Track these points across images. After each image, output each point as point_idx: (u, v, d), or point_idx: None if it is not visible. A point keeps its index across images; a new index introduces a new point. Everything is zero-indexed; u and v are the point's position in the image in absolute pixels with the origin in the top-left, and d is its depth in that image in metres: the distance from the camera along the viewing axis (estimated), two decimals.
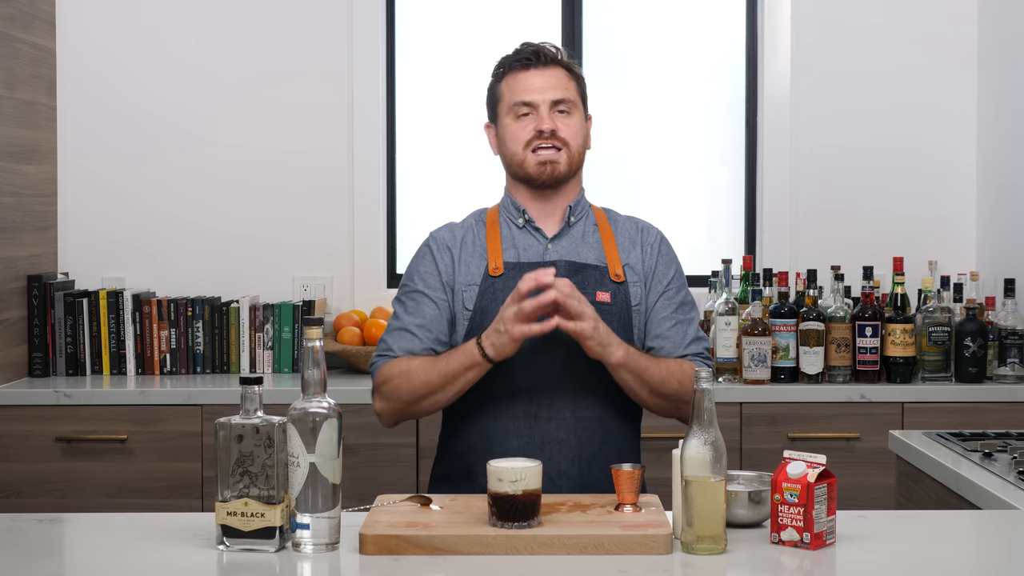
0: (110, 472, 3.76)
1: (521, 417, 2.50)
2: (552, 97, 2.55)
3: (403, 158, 4.48)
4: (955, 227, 4.37)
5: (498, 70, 2.63)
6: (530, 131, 2.55)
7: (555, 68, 2.58)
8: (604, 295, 2.53)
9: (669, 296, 2.59)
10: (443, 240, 2.62)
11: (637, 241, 2.62)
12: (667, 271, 2.61)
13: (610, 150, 4.46)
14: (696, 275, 4.32)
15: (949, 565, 2.01)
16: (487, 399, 2.52)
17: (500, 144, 2.62)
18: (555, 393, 2.50)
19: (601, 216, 2.66)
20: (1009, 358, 3.87)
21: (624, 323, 2.54)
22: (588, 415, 2.51)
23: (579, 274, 2.54)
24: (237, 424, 2.02)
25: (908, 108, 4.37)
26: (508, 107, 2.58)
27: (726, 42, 4.51)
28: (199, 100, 4.35)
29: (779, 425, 3.78)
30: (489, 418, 2.52)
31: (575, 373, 2.50)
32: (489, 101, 2.65)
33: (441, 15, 4.51)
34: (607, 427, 2.53)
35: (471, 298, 2.55)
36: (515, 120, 2.57)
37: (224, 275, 4.33)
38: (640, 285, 2.58)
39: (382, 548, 2.00)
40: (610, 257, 2.58)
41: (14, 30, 3.97)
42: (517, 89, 2.57)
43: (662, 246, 2.64)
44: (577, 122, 2.58)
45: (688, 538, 2.00)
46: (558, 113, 2.56)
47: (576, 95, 2.59)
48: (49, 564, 2.02)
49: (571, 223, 2.60)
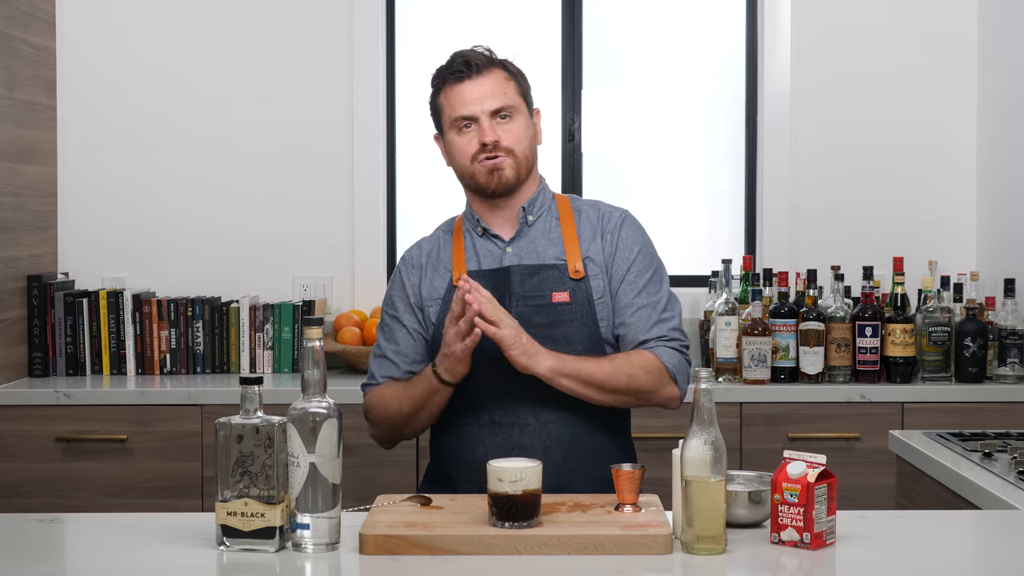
0: (110, 472, 3.76)
1: (485, 424, 2.53)
2: (491, 107, 2.55)
3: (403, 158, 4.48)
4: (955, 227, 4.37)
5: (435, 83, 2.62)
6: (474, 144, 2.56)
7: (490, 73, 2.56)
8: (562, 295, 2.53)
9: (631, 280, 2.56)
10: (411, 260, 2.67)
11: (598, 229, 2.60)
12: (627, 255, 2.57)
13: (610, 150, 4.46)
14: (696, 275, 4.33)
15: (949, 565, 2.01)
16: (458, 407, 2.55)
17: (449, 158, 2.64)
18: (515, 400, 2.51)
19: (564, 207, 2.64)
20: (1009, 358, 3.87)
21: (587, 319, 2.53)
22: (552, 419, 2.52)
23: (535, 276, 2.54)
24: (237, 424, 2.02)
25: (908, 108, 4.37)
26: (450, 122, 2.58)
27: (726, 42, 4.51)
28: (199, 100, 4.35)
29: (779, 425, 3.78)
30: (461, 425, 2.56)
31: (532, 379, 2.47)
32: (433, 114, 2.65)
33: (441, 15, 4.51)
34: (576, 430, 2.52)
35: (434, 312, 2.59)
36: (459, 134, 2.57)
37: (224, 275, 4.33)
38: (602, 276, 2.56)
39: (382, 548, 2.00)
40: (569, 252, 2.56)
41: (14, 30, 3.97)
42: (456, 103, 2.56)
43: (623, 230, 2.60)
44: (520, 126, 2.57)
45: (688, 538, 2.00)
46: (499, 120, 2.55)
47: (516, 96, 2.58)
48: (49, 564, 2.02)
49: (529, 222, 2.61)
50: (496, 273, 2.56)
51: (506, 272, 2.55)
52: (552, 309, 2.52)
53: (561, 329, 2.52)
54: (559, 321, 2.52)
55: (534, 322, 2.50)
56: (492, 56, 2.60)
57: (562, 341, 2.50)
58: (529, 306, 2.52)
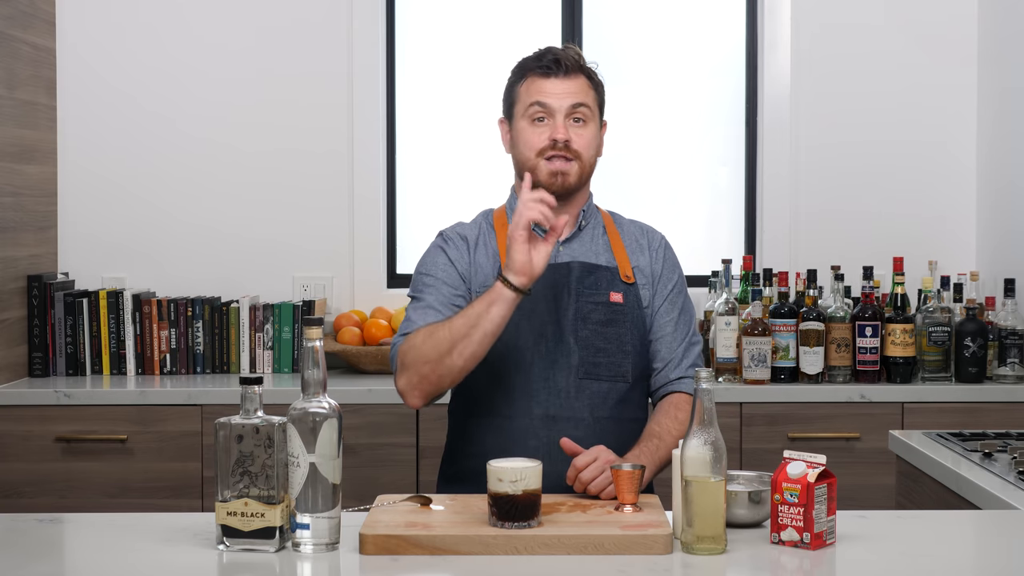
0: (110, 472, 3.76)
1: (539, 418, 2.50)
2: (570, 103, 2.53)
3: (403, 158, 4.48)
4: (955, 227, 4.37)
5: (518, 71, 2.60)
6: (544, 139, 2.53)
7: (576, 77, 2.56)
8: (617, 295, 2.56)
9: (672, 300, 2.62)
10: (456, 237, 2.61)
11: (644, 245, 2.64)
12: (671, 275, 2.64)
13: (610, 150, 4.43)
14: (696, 275, 4.32)
15: (949, 565, 2.01)
16: (502, 402, 2.52)
17: (512, 145, 2.61)
18: (573, 394, 2.51)
19: (608, 220, 2.68)
20: (1009, 358, 3.87)
21: (637, 323, 2.57)
22: (605, 416, 2.52)
23: (592, 274, 2.56)
24: (237, 424, 2.02)
25: (908, 108, 4.37)
26: (524, 109, 2.55)
27: (726, 42, 4.51)
28: (199, 100, 4.35)
29: (779, 425, 3.78)
30: (506, 419, 2.51)
31: (592, 376, 2.51)
32: (506, 99, 2.62)
33: (441, 15, 4.51)
34: (623, 428, 2.54)
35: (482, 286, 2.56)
36: (530, 124, 2.54)
37: (224, 275, 4.33)
38: (648, 287, 2.61)
39: (382, 548, 2.00)
40: (620, 259, 2.60)
41: (14, 30, 3.97)
42: (535, 92, 2.54)
43: (667, 252, 2.67)
44: (591, 132, 2.57)
45: (688, 538, 2.00)
46: (573, 122, 2.54)
47: (594, 103, 2.59)
48: (49, 564, 2.01)
49: (582, 227, 2.62)
50: (552, 268, 2.53)
51: (565, 267, 2.55)
52: (609, 308, 2.54)
53: (615, 328, 2.54)
54: (615, 320, 2.54)
55: (592, 319, 2.53)
56: (581, 61, 2.59)
57: (615, 340, 2.53)
58: (588, 302, 2.54)
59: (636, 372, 2.57)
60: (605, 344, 2.52)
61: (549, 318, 2.52)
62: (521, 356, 2.50)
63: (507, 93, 2.62)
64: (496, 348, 2.44)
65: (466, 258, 2.58)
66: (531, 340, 2.51)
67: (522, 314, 2.48)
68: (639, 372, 2.58)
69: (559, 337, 2.51)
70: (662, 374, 2.60)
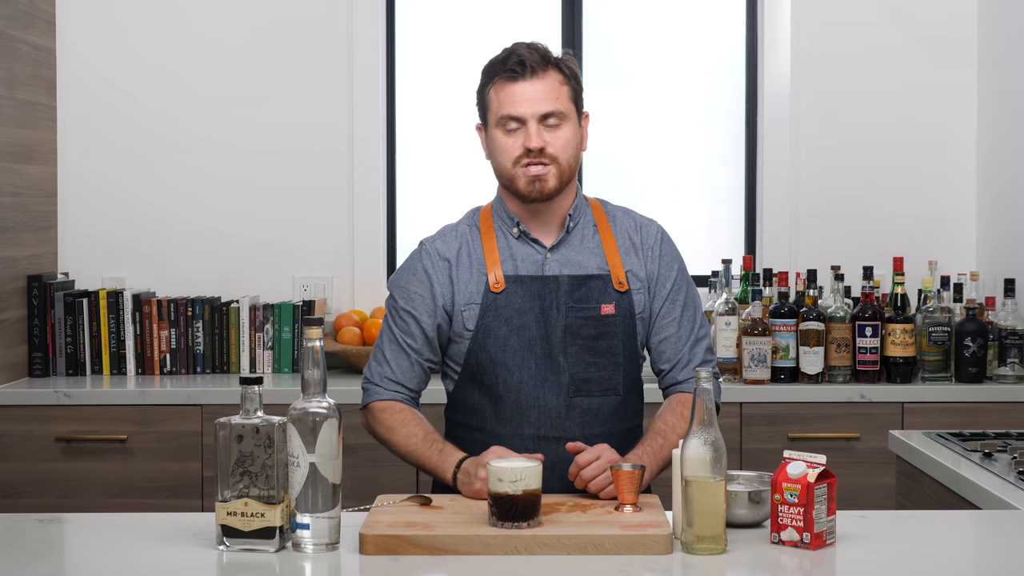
0: (110, 472, 3.76)
1: (530, 438, 2.49)
2: (541, 111, 2.45)
3: (403, 158, 4.48)
4: (955, 227, 4.37)
5: (486, 75, 2.53)
6: (519, 147, 2.46)
7: (544, 76, 2.47)
8: (608, 307, 2.50)
9: (672, 298, 2.57)
10: (438, 254, 2.55)
11: (637, 244, 2.57)
12: (669, 272, 2.58)
13: (610, 150, 4.46)
14: (696, 275, 4.31)
15: (949, 565, 2.01)
16: (494, 420, 2.51)
17: (489, 153, 2.55)
18: (564, 414, 2.49)
19: (599, 213, 2.60)
20: (1009, 358, 3.87)
21: (628, 333, 2.53)
22: (596, 432, 2.50)
23: (583, 286, 2.51)
24: (237, 424, 2.02)
25: (908, 108, 4.37)
26: (496, 119, 2.49)
27: (726, 42, 4.51)
28: (199, 100, 4.35)
29: (779, 425, 3.78)
30: (501, 439, 2.48)
31: (583, 392, 2.49)
32: (479, 104, 2.56)
33: (441, 15, 4.51)
34: (615, 441, 2.49)
35: (472, 317, 2.50)
36: (504, 134, 2.48)
37: (224, 275, 4.33)
38: (643, 292, 2.55)
39: (382, 548, 2.00)
40: (612, 263, 2.54)
41: (14, 30, 3.97)
42: (505, 101, 2.47)
43: (663, 246, 2.59)
44: (567, 133, 2.48)
45: (688, 538, 2.00)
46: (547, 127, 2.46)
47: (568, 101, 2.49)
48: (49, 564, 2.02)
49: (570, 229, 2.55)
50: (540, 281, 2.50)
51: (554, 281, 2.50)
52: (600, 321, 2.49)
53: (606, 341, 2.50)
54: (605, 333, 2.50)
55: (582, 334, 2.49)
56: (548, 55, 2.50)
57: (606, 354, 2.50)
58: (578, 317, 2.49)
59: (627, 384, 2.54)
60: (595, 359, 2.49)
61: (538, 333, 2.48)
62: (510, 374, 2.48)
63: (479, 98, 2.55)
64: (485, 364, 2.48)
65: (446, 280, 2.53)
66: (519, 357, 2.48)
67: (511, 329, 2.48)
68: (630, 383, 2.55)
69: (548, 354, 2.48)
70: (670, 375, 2.58)
